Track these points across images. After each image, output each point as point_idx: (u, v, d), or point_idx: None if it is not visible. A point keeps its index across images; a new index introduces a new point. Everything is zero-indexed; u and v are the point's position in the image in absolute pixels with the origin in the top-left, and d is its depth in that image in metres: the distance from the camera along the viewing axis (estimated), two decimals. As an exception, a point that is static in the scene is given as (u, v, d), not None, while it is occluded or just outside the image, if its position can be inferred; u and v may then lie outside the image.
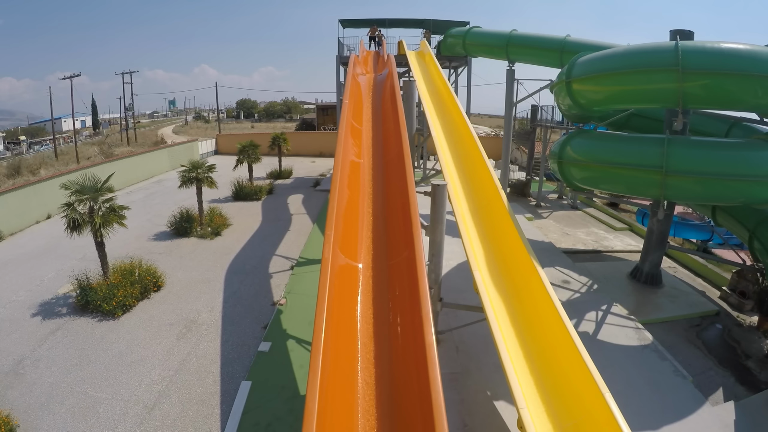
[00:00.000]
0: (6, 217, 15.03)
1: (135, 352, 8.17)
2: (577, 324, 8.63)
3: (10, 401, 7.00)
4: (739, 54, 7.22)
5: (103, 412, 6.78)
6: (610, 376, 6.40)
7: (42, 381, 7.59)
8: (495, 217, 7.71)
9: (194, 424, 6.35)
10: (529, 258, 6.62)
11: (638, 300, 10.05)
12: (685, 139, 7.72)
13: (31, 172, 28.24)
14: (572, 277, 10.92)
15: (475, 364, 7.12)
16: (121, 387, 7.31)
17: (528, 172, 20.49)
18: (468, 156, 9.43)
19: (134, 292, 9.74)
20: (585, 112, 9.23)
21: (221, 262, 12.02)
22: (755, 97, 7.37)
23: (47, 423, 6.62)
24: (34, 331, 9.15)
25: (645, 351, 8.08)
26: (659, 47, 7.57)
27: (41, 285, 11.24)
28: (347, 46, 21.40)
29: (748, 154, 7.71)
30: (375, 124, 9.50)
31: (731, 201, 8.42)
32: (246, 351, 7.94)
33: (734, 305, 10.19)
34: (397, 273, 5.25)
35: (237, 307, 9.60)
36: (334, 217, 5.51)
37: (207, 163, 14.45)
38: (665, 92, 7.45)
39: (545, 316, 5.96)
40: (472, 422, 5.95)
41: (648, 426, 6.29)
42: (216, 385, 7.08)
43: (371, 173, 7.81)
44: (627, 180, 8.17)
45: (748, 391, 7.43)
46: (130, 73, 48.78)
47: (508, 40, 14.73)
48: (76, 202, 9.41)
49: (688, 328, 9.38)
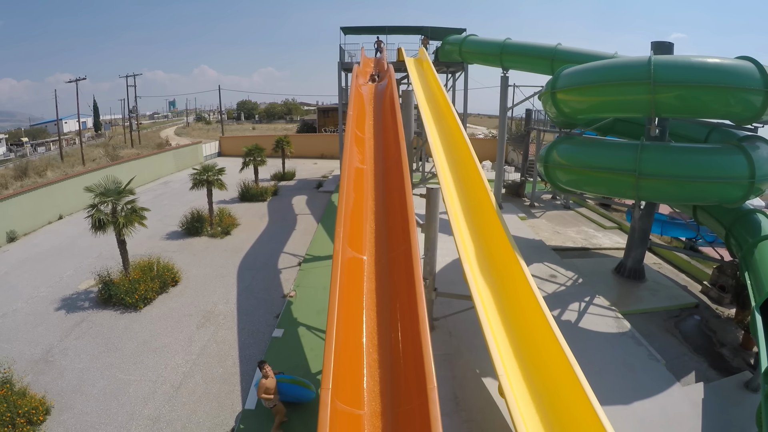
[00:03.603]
0: (20, 218, 15.78)
1: (158, 340, 8.99)
2: (561, 313, 9.44)
3: (43, 385, 7.75)
4: (706, 67, 8.03)
5: (133, 392, 7.58)
6: (588, 359, 7.21)
7: (72, 367, 8.36)
8: (484, 216, 8.53)
9: (218, 399, 7.18)
10: (513, 253, 7.44)
11: (620, 293, 10.84)
12: (657, 145, 8.53)
13: (37, 174, 28.96)
14: (559, 271, 11.73)
15: (466, 347, 7.97)
16: (148, 370, 8.11)
17: (522, 174, 21.32)
18: (461, 160, 10.24)
19: (154, 287, 10.56)
20: (569, 120, 10.05)
21: (233, 259, 12.85)
22: (723, 106, 8.18)
23: (81, 403, 7.40)
24: (59, 323, 9.89)
25: (622, 337, 8.89)
26: (634, 62, 8.40)
27: (61, 281, 11.98)
28: (348, 52, 22.22)
29: (716, 158, 8.50)
30: (376, 132, 10.33)
31: (702, 201, 9.22)
32: (261, 337, 8.78)
33: (714, 299, 10.93)
34: (396, 264, 6.09)
35: (250, 299, 10.43)
36: (343, 217, 6.34)
37: (217, 166, 15.26)
38: (639, 103, 8.28)
39: (526, 303, 6.78)
40: (462, 395, 6.79)
41: (620, 402, 7.06)
42: (235, 367, 7.92)
43: (373, 177, 8.66)
44: (606, 183, 8.99)
45: (720, 376, 8.11)
46: (133, 76, 49.58)
47: (502, 48, 15.52)
48: (100, 204, 10.21)
49: (667, 318, 10.15)
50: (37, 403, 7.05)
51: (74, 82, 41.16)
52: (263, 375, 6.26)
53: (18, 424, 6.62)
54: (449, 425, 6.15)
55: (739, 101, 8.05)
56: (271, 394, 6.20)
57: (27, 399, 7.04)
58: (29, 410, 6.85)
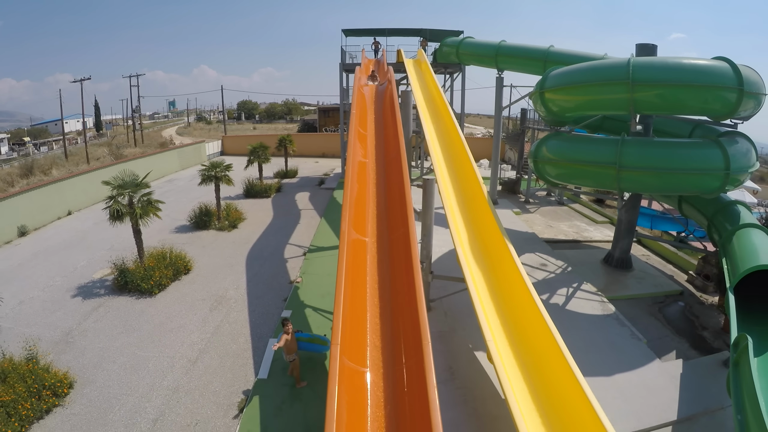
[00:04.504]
0: (30, 213, 16.36)
1: (174, 321, 9.63)
2: (549, 297, 10.10)
3: (65, 363, 8.28)
4: (682, 67, 8.70)
5: (152, 367, 8.22)
6: (574, 337, 7.83)
7: (92, 346, 8.95)
8: (477, 207, 9.22)
9: (232, 372, 7.84)
10: (503, 240, 8.10)
11: (608, 280, 11.48)
12: (636, 140, 9.22)
13: (42, 172, 29.59)
14: (550, 261, 12.41)
15: (460, 325, 8.65)
16: (166, 347, 8.75)
17: (518, 171, 21.98)
18: (457, 156, 10.92)
19: (168, 274, 11.22)
20: (557, 118, 10.74)
21: (241, 250, 13.52)
22: (699, 103, 8.84)
23: (102, 377, 7.99)
24: (77, 308, 10.47)
25: (607, 319, 9.55)
26: (614, 63, 9.09)
27: (75, 271, 12.57)
28: (349, 53, 22.91)
29: (694, 152, 9.18)
30: (377, 130, 11.02)
31: (681, 191, 9.87)
32: (270, 318, 9.45)
33: (699, 287, 11.48)
34: (396, 245, 6.78)
35: (259, 285, 11.10)
36: (348, 203, 7.03)
37: (224, 163, 15.92)
38: (619, 101, 8.97)
39: (514, 284, 7.43)
40: (456, 366, 7.47)
41: (602, 374, 7.66)
42: (248, 343, 8.58)
43: (375, 170, 9.37)
44: (591, 175, 9.68)
45: (700, 355, 8.62)
46: (137, 76, 50.24)
47: (497, 50, 16.20)
48: (117, 195, 10.86)
49: (651, 304, 10.73)
50: (61, 377, 7.60)
51: (78, 82, 41.81)
52: (285, 332, 7.04)
53: (44, 396, 7.17)
54: (445, 392, 6.80)
55: (715, 98, 8.65)
56: (292, 351, 7.02)
57: (51, 374, 7.55)
58: (54, 383, 7.40)
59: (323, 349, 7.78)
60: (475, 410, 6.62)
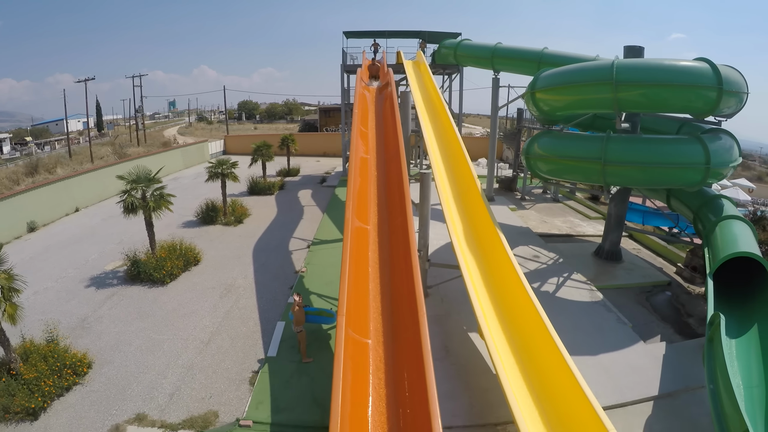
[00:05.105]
0: (39, 209, 16.81)
1: (186, 308, 10.19)
2: (540, 286, 10.68)
3: (83, 346, 8.65)
4: (662, 68, 9.29)
5: (167, 348, 8.75)
6: (562, 320, 8.35)
7: (108, 331, 9.38)
8: (472, 200, 9.83)
9: (243, 351, 8.42)
10: (495, 230, 8.69)
11: (597, 271, 12.05)
12: (620, 137, 9.81)
13: (47, 171, 30.17)
14: (542, 253, 12.99)
15: (455, 310, 9.25)
16: (179, 331, 9.29)
17: (515, 169, 22.58)
18: (453, 154, 11.52)
19: (179, 264, 11.80)
20: (548, 117, 11.33)
21: (247, 243, 14.10)
22: (680, 101, 9.41)
23: (119, 358, 8.45)
24: (91, 297, 10.88)
25: (595, 305, 10.11)
26: (600, 65, 9.69)
27: (87, 264, 13.03)
28: (350, 55, 23.53)
29: (676, 147, 9.74)
30: (378, 128, 11.64)
31: (664, 184, 10.43)
32: (277, 304, 10.03)
33: (687, 278, 11.97)
34: (395, 232, 7.37)
35: (266, 275, 11.69)
36: (351, 195, 7.63)
37: (231, 160, 16.51)
38: (604, 100, 9.56)
39: (505, 270, 8.03)
40: (451, 345, 8.06)
41: (588, 353, 8.18)
42: (257, 326, 9.16)
43: (376, 165, 9.96)
44: (578, 170, 10.28)
45: (684, 339, 9.00)
46: (140, 77, 50.90)
47: (493, 52, 16.80)
48: (131, 189, 11.43)
49: (639, 293, 11.20)
50: (80, 357, 8.04)
51: (83, 82, 42.47)
52: (296, 303, 7.83)
53: (65, 374, 7.59)
54: (440, 368, 7.34)
55: (695, 97, 9.22)
56: (300, 323, 7.71)
57: (70, 354, 7.98)
58: (74, 362, 7.83)
59: (330, 321, 8.46)
60: (468, 383, 7.20)
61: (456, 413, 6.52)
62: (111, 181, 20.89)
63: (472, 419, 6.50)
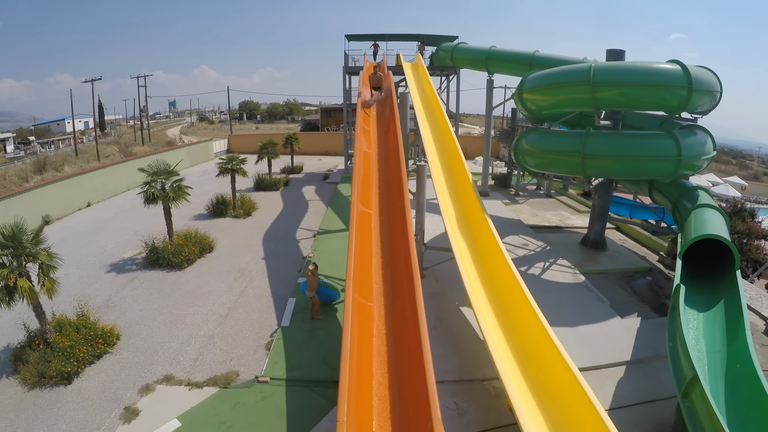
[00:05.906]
0: (53, 204, 17.65)
1: (204, 288, 11.15)
2: (527, 269, 11.65)
3: (109, 321, 9.40)
4: (636, 70, 10.28)
5: (189, 321, 9.67)
6: (545, 298, 9.24)
7: (132, 309, 10.20)
8: (464, 192, 10.83)
9: (258, 322, 9.40)
10: (485, 218, 9.64)
11: (582, 258, 12.97)
12: (599, 132, 10.80)
13: (55, 169, 31.14)
14: (531, 242, 13.98)
15: (449, 288, 10.27)
16: (199, 307, 10.23)
17: (509, 166, 23.59)
18: (449, 151, 12.51)
19: (195, 250, 12.79)
20: (535, 115, 12.34)
21: (257, 233, 15.10)
22: (653, 99, 10.38)
23: (145, 331, 9.30)
24: (113, 281, 11.67)
25: (577, 286, 11.05)
26: (579, 68, 10.68)
27: (105, 252, 13.88)
28: (352, 57, 24.55)
29: (649, 142, 10.66)
30: (379, 126, 12.68)
31: (640, 175, 11.32)
32: (288, 284, 11.03)
33: (668, 266, 12.78)
34: (394, 215, 8.37)
35: (276, 260, 12.68)
36: (356, 183, 8.62)
37: (240, 157, 17.51)
38: (584, 100, 10.56)
39: (492, 252, 8.97)
40: (444, 317, 9.06)
41: (567, 325, 9.03)
42: (270, 302, 10.15)
43: (377, 158, 10.96)
44: (562, 163, 11.27)
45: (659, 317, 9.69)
46: (144, 77, 51.89)
47: (487, 55, 17.78)
48: (152, 181, 12.40)
49: (621, 278, 12.03)
50: (110, 329, 8.88)
51: (89, 82, 43.45)
52: (310, 271, 8.95)
53: (97, 343, 8.43)
54: (434, 335, 8.30)
55: (667, 96, 10.11)
56: (313, 288, 8.89)
57: (100, 327, 8.80)
58: (104, 333, 8.67)
59: (335, 296, 9.52)
60: (459, 347, 8.18)
61: (447, 370, 7.50)
62: (121, 178, 21.94)
63: (461, 376, 7.47)
